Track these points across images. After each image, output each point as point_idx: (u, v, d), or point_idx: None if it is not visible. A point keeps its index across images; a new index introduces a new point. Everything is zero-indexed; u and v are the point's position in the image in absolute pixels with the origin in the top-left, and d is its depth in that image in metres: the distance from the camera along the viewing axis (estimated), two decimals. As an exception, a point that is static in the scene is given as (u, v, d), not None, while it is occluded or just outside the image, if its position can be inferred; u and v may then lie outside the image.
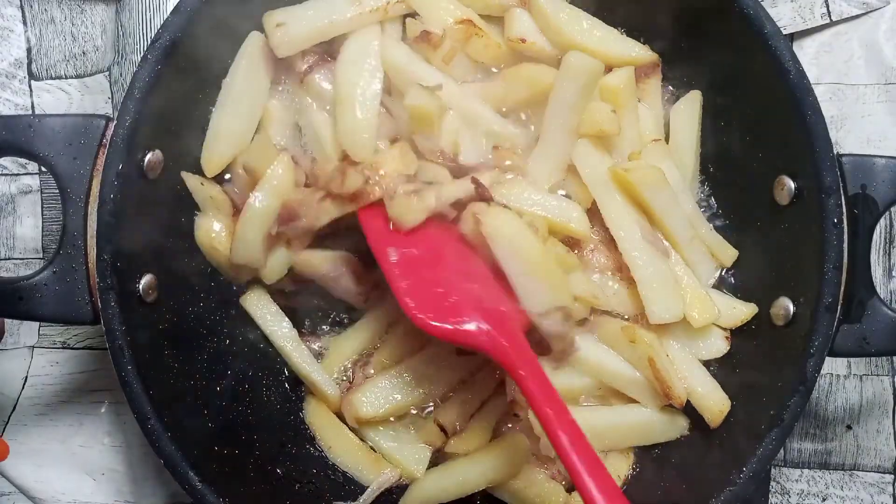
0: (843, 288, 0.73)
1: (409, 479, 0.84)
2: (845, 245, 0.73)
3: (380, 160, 0.78)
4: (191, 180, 0.81)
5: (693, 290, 0.82)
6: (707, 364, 0.84)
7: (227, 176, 0.84)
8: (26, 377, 0.96)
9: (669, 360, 0.81)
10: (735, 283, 0.86)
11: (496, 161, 0.83)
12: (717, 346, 0.84)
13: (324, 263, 0.83)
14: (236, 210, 0.83)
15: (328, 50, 0.84)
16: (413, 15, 0.84)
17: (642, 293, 0.81)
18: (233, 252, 0.82)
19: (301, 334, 0.87)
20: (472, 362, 0.84)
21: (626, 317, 0.85)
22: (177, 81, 0.75)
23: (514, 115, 0.86)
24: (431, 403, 0.85)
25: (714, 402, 0.81)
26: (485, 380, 0.84)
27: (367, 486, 0.84)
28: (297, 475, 0.84)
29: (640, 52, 0.86)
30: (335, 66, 0.82)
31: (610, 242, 0.84)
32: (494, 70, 0.86)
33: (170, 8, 0.77)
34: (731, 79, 0.83)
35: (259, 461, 0.83)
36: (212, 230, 0.82)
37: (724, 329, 0.84)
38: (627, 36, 0.86)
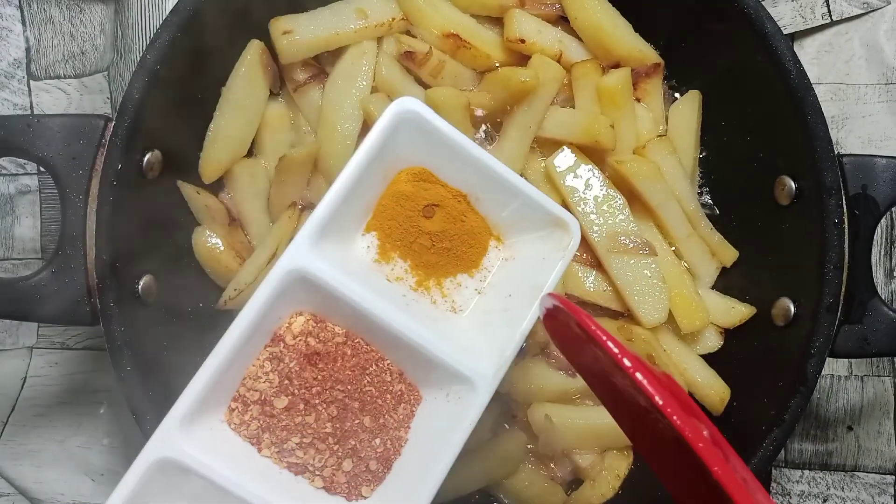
0: (843, 288, 0.73)
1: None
2: (846, 245, 0.73)
3: None
4: (186, 189, 0.80)
5: (685, 295, 0.82)
6: (708, 364, 0.84)
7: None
8: (25, 378, 0.95)
9: (667, 355, 0.81)
10: (736, 283, 0.86)
11: None
12: (711, 341, 0.85)
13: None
14: (231, 219, 0.83)
15: (331, 61, 0.84)
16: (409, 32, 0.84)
17: (626, 298, 0.81)
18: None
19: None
20: None
21: (614, 309, 0.84)
22: (176, 81, 0.75)
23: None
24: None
25: (715, 391, 0.81)
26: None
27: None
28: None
29: (647, 51, 0.86)
30: (326, 83, 0.83)
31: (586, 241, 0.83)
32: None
33: (169, 7, 0.76)
34: (731, 78, 0.83)
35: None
36: (209, 242, 0.83)
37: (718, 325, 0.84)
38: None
